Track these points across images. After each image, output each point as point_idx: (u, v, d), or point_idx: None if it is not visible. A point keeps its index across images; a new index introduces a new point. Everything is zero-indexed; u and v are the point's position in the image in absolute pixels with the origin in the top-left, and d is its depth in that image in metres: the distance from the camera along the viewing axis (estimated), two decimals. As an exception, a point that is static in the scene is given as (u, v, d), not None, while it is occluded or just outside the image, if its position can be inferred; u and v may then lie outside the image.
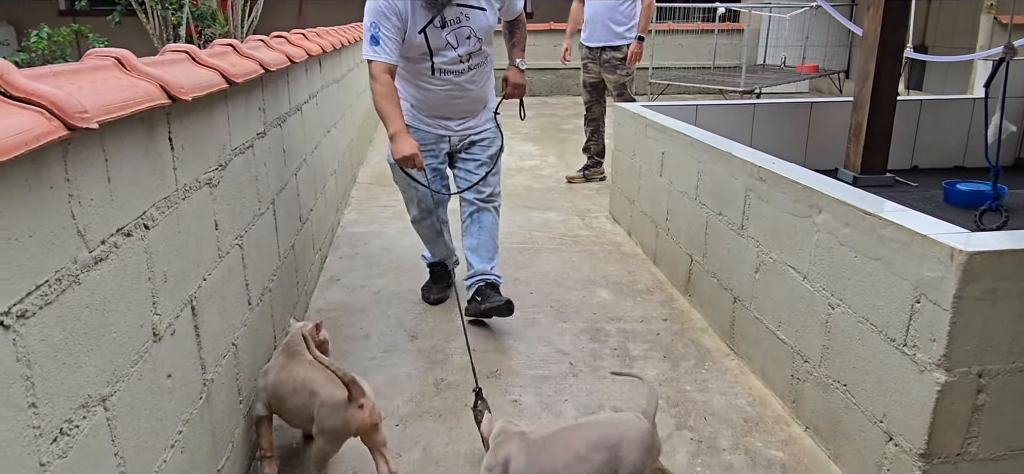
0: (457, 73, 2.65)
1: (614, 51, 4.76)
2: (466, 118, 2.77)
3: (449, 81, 2.66)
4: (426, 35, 2.54)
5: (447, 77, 2.65)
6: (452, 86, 2.67)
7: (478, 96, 2.76)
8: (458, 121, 2.76)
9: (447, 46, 2.59)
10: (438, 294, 3.05)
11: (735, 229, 2.56)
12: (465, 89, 2.70)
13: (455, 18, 2.54)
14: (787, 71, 9.16)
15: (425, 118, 2.74)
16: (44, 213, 0.96)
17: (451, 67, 2.63)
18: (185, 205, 1.50)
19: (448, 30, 2.55)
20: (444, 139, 2.77)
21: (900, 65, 3.69)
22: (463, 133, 2.78)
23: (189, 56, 1.61)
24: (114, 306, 1.16)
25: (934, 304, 1.56)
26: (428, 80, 2.66)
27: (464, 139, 2.79)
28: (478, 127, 2.80)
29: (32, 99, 0.89)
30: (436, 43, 2.56)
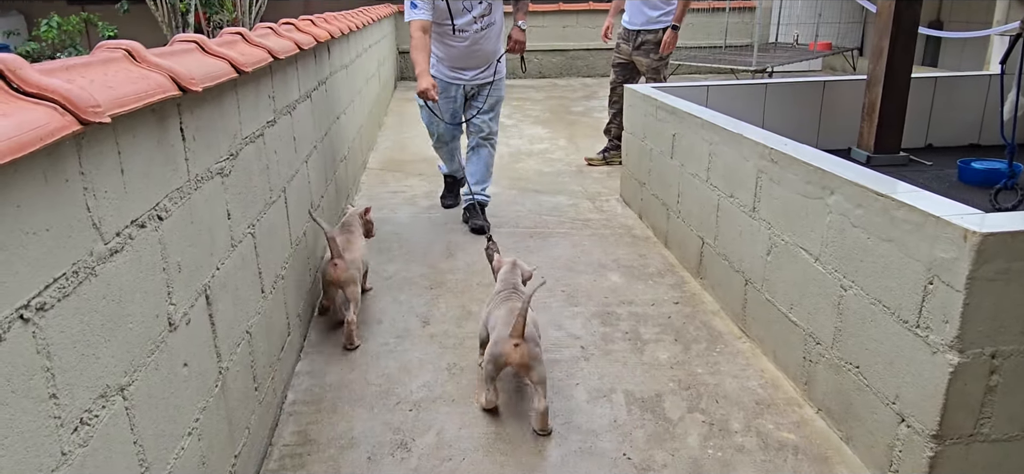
0: (472, 32, 3.47)
1: (649, 35, 4.70)
2: (477, 69, 3.60)
3: (466, 38, 3.48)
4: (448, 2, 3.36)
5: (464, 35, 3.48)
6: (468, 41, 3.50)
7: (489, 51, 3.56)
8: (471, 72, 3.60)
9: (463, 11, 3.42)
10: (450, 200, 4.10)
11: (747, 211, 2.55)
12: (478, 44, 3.51)
13: None
14: (800, 49, 9.05)
15: (447, 71, 3.60)
16: (60, 206, 0.98)
17: (467, 27, 3.45)
18: (197, 195, 1.51)
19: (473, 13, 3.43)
20: (459, 86, 3.65)
21: (915, 42, 3.64)
22: (474, 81, 3.63)
23: (198, 46, 1.62)
24: (130, 297, 1.18)
25: (947, 285, 1.55)
26: (450, 38, 3.49)
27: (475, 85, 3.65)
28: (486, 77, 3.63)
29: (45, 94, 0.90)
30: (455, 8, 3.40)
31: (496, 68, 3.61)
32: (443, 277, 3.13)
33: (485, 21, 3.46)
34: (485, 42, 3.52)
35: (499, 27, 3.58)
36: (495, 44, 3.59)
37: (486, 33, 3.49)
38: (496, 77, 3.63)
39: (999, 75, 3.17)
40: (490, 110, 3.70)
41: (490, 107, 3.69)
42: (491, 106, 3.69)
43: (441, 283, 3.06)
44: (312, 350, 2.52)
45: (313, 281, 2.78)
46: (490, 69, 3.60)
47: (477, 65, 3.57)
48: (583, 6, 9.82)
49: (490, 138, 3.76)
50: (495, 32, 3.55)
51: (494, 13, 3.49)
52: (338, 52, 3.88)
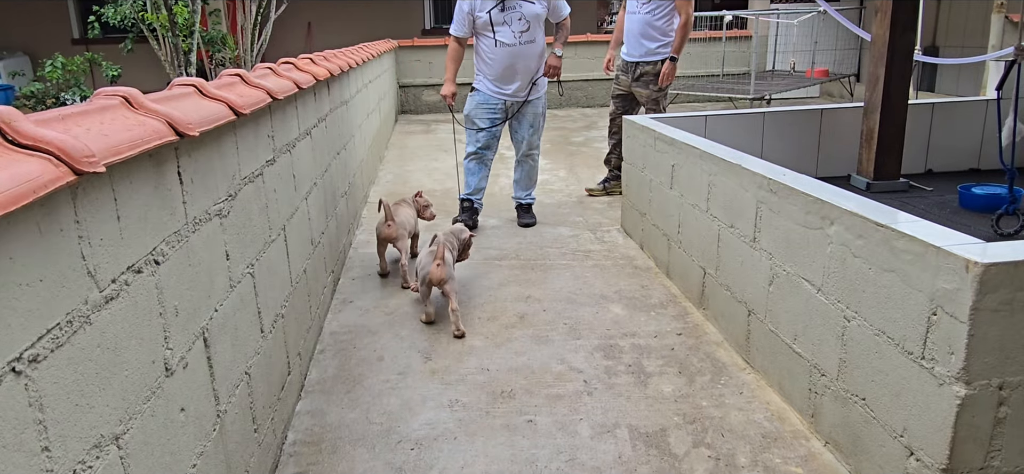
0: (512, 45, 3.95)
1: (648, 67, 4.73)
2: (518, 86, 4.06)
3: (506, 51, 3.97)
4: (490, 15, 3.92)
5: (505, 48, 3.97)
6: (508, 55, 3.97)
7: (529, 69, 4.02)
8: (512, 86, 4.06)
9: (504, 24, 3.94)
10: (463, 218, 4.21)
11: (747, 241, 2.54)
12: (517, 59, 3.97)
13: (512, 5, 3.91)
14: (797, 76, 9.12)
15: (490, 85, 4.08)
16: (54, 256, 0.97)
17: (507, 41, 3.95)
18: (195, 238, 1.51)
19: (507, 12, 3.91)
20: (501, 100, 4.10)
21: (910, 69, 3.66)
22: (515, 97, 4.09)
23: (196, 89, 1.63)
24: (125, 344, 1.17)
25: (951, 316, 1.54)
26: (492, 51, 4.00)
27: (517, 102, 4.11)
28: (528, 95, 4.10)
29: (39, 145, 0.90)
30: (497, 21, 3.94)
31: (535, 87, 4.09)
32: (444, 311, 3.11)
33: (524, 37, 3.94)
34: (525, 59, 3.97)
35: (540, 49, 4.04)
36: (535, 64, 4.04)
37: (526, 50, 3.96)
38: (534, 96, 4.11)
39: (996, 101, 3.19)
40: (532, 126, 4.18)
41: (531, 123, 4.17)
42: (532, 122, 4.17)
43: (443, 318, 3.05)
44: (313, 389, 2.49)
45: (314, 318, 2.77)
46: (529, 87, 4.07)
47: (517, 81, 4.03)
48: (581, 38, 9.92)
49: (532, 153, 4.29)
50: (535, 52, 4.01)
51: (533, 32, 3.97)
52: (338, 89, 3.91)
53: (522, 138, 4.20)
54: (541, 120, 4.22)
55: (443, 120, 9.20)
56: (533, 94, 4.10)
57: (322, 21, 11.72)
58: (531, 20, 3.93)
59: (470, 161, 4.25)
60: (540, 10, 3.94)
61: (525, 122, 4.16)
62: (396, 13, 11.77)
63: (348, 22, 11.60)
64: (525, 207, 4.35)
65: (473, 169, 4.26)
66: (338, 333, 2.93)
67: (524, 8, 3.90)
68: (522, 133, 4.18)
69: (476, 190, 4.28)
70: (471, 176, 4.27)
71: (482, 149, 4.19)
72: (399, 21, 11.58)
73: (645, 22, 4.65)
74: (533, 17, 3.93)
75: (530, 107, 4.13)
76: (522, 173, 4.31)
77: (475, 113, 4.14)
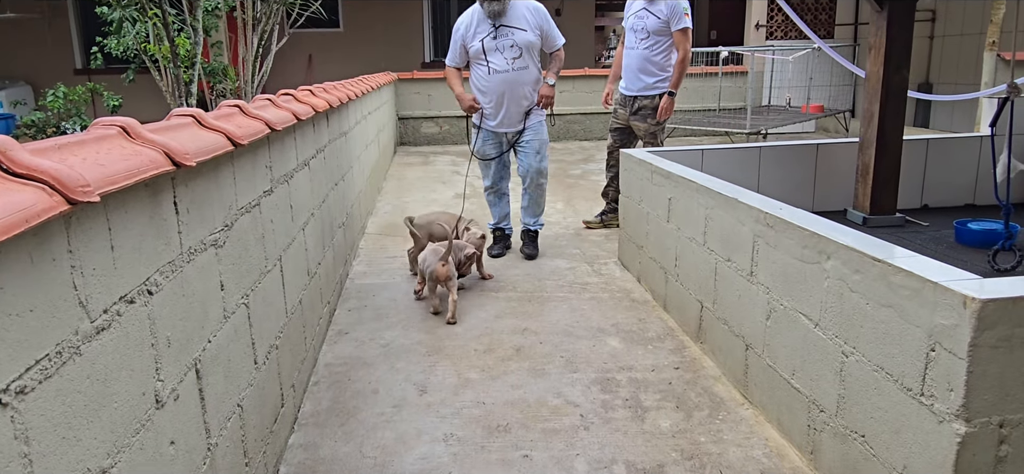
0: (505, 72, 4.03)
1: (646, 100, 4.76)
2: (515, 119, 4.16)
3: (500, 79, 4.05)
4: (483, 43, 4.03)
5: (498, 75, 4.05)
6: (502, 82, 4.05)
7: (523, 95, 4.10)
8: (508, 116, 4.13)
9: (497, 51, 4.02)
10: (498, 251, 4.41)
11: (744, 275, 2.53)
12: (512, 86, 4.05)
13: (505, 32, 4.00)
14: (792, 111, 9.20)
15: (490, 123, 4.20)
16: (45, 286, 0.96)
17: (500, 67, 4.03)
18: (190, 268, 1.50)
19: (499, 39, 4.01)
20: (502, 137, 4.24)
21: (904, 105, 3.70)
22: (515, 131, 4.21)
23: (195, 120, 1.64)
24: (115, 375, 1.15)
25: (949, 352, 1.53)
26: (486, 79, 4.09)
27: (518, 134, 4.21)
28: (525, 124, 4.18)
29: (34, 175, 0.90)
30: (490, 49, 4.03)
31: (531, 115, 4.17)
32: (441, 343, 3.09)
33: (518, 63, 4.01)
34: (520, 86, 4.06)
35: (534, 77, 4.11)
36: (530, 91, 4.12)
37: (520, 76, 4.03)
38: (532, 121, 4.18)
39: (990, 137, 3.21)
40: (537, 152, 4.22)
41: (535, 150, 4.21)
42: (537, 149, 4.22)
43: (439, 350, 3.03)
44: (307, 421, 2.46)
45: (309, 349, 2.75)
46: (526, 119, 4.16)
47: (513, 109, 4.12)
48: (579, 72, 10.03)
49: (540, 181, 4.30)
50: (529, 78, 4.08)
51: (526, 59, 4.04)
52: (337, 120, 3.93)
53: (529, 167, 4.23)
54: (544, 147, 4.27)
55: (441, 152, 9.25)
56: (530, 120, 4.17)
57: (323, 53, 11.85)
58: (524, 48, 4.01)
59: (489, 195, 4.42)
60: (533, 39, 4.02)
61: (530, 150, 4.21)
62: (396, 46, 11.91)
63: (349, 55, 11.72)
64: (531, 235, 4.38)
65: (494, 201, 4.42)
66: (333, 365, 2.91)
67: (517, 35, 3.99)
68: (528, 162, 4.22)
69: (503, 217, 4.44)
70: (494, 208, 4.44)
71: (497, 182, 4.34)
72: (399, 54, 11.71)
73: (643, 57, 4.70)
74: (526, 45, 4.01)
75: (531, 133, 4.19)
76: (529, 200, 4.34)
77: (482, 150, 4.27)
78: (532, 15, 4.05)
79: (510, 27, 3.98)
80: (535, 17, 4.06)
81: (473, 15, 4.09)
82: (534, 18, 4.05)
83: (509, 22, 4.00)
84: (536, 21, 4.05)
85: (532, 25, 4.02)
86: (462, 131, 10.00)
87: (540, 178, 4.28)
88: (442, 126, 10.02)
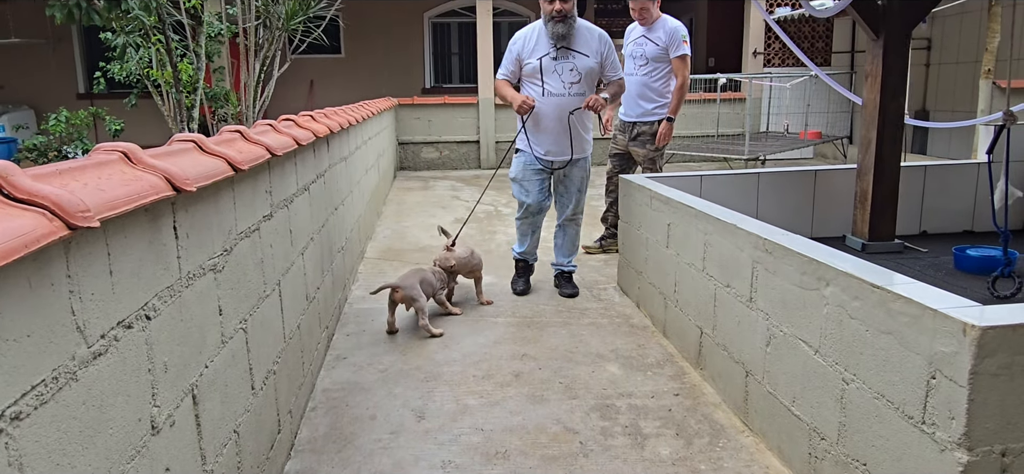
0: (560, 96, 3.76)
1: (644, 126, 4.79)
2: (563, 148, 3.85)
3: (553, 103, 3.76)
4: (541, 62, 3.75)
5: (553, 99, 3.77)
6: (555, 107, 3.76)
7: (575, 125, 3.81)
8: (556, 143, 3.84)
9: (555, 73, 3.75)
10: (522, 287, 4.13)
11: (744, 301, 2.53)
12: (565, 111, 3.76)
13: (565, 56, 3.75)
14: (790, 138, 9.25)
15: (536, 147, 3.86)
16: (43, 311, 0.96)
17: (556, 91, 3.76)
18: (188, 293, 1.50)
19: (559, 61, 3.74)
20: (547, 164, 3.90)
21: (901, 132, 3.72)
22: (561, 160, 3.89)
23: (196, 145, 1.65)
24: (111, 401, 1.15)
25: (950, 380, 1.52)
26: (539, 101, 3.77)
27: (563, 165, 3.90)
28: (573, 157, 3.88)
29: (35, 200, 0.90)
30: (547, 69, 3.76)
31: (581, 148, 3.89)
32: (439, 369, 3.08)
33: (574, 89, 3.74)
34: (572, 115, 3.77)
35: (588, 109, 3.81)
36: (582, 125, 3.85)
37: (575, 103, 3.75)
38: (579, 156, 3.90)
39: (987, 164, 3.23)
40: (580, 189, 3.99)
41: (579, 186, 3.98)
42: (580, 185, 3.98)
43: (437, 376, 3.01)
44: (304, 448, 2.44)
45: (307, 375, 2.74)
46: (575, 150, 3.86)
47: (563, 136, 3.82)
48: (578, 98, 10.09)
49: (576, 217, 4.07)
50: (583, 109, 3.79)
51: (584, 86, 3.77)
52: (337, 145, 3.95)
53: (568, 202, 3.97)
54: (583, 184, 4.00)
55: (441, 177, 9.28)
56: (579, 152, 3.88)
57: (324, 79, 11.95)
58: (583, 73, 3.74)
59: (522, 223, 4.05)
60: (593, 64, 3.75)
61: (573, 184, 3.94)
62: (398, 72, 12.01)
63: (350, 80, 11.82)
64: (567, 276, 4.11)
65: (525, 231, 4.07)
66: (330, 390, 2.89)
67: (578, 60, 3.73)
68: (569, 196, 3.96)
69: (531, 249, 4.14)
70: (524, 237, 4.09)
71: (534, 213, 4.00)
72: (400, 80, 11.80)
73: (643, 83, 4.75)
74: (586, 71, 3.75)
75: (577, 168, 3.92)
76: (565, 238, 4.08)
77: (523, 175, 3.94)
78: (597, 42, 3.79)
79: (573, 50, 3.72)
80: (599, 44, 3.80)
81: (534, 31, 3.83)
82: (598, 45, 3.79)
83: (573, 45, 3.73)
84: (599, 48, 3.78)
85: (595, 51, 3.76)
86: (462, 156, 10.05)
87: (579, 216, 4.06)
88: (442, 151, 10.06)
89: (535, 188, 3.93)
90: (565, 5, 3.63)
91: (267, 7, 7.02)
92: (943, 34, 9.21)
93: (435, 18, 12.42)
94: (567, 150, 3.85)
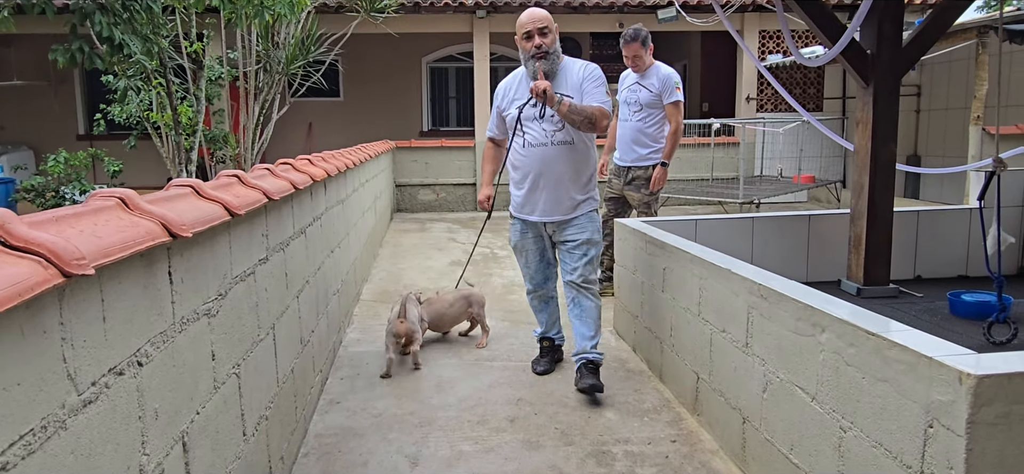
0: (542, 146, 3.18)
1: (639, 171, 4.84)
2: (552, 207, 3.25)
3: (536, 155, 3.20)
4: (521, 111, 3.21)
5: (533, 150, 3.20)
6: (538, 160, 3.19)
7: (564, 177, 3.21)
8: (543, 203, 3.25)
9: (535, 120, 3.18)
10: (544, 367, 3.54)
11: (740, 347, 2.52)
12: (550, 164, 3.18)
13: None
14: (784, 182, 9.34)
15: (520, 204, 3.34)
16: (34, 360, 0.96)
17: (536, 140, 3.19)
18: (181, 338, 1.49)
19: (539, 106, 3.14)
20: (540, 228, 3.35)
21: (893, 177, 3.76)
22: (554, 221, 3.28)
23: (193, 190, 1.66)
24: (100, 450, 1.13)
25: (948, 429, 1.51)
26: (519, 153, 3.26)
27: (559, 227, 3.29)
28: (569, 216, 3.27)
29: (31, 247, 0.90)
30: (527, 117, 3.21)
31: (572, 204, 3.25)
32: (434, 414, 3.04)
33: (558, 137, 3.15)
34: (560, 165, 3.17)
35: (581, 154, 3.22)
36: (573, 177, 3.21)
37: (560, 153, 3.16)
38: (577, 213, 3.25)
39: (979, 209, 3.26)
40: (581, 255, 3.24)
41: (580, 251, 3.24)
42: (582, 250, 3.24)
43: (432, 421, 2.98)
44: (294, 495, 2.40)
45: (300, 420, 2.70)
46: (570, 209, 3.24)
47: (550, 195, 3.23)
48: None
49: (587, 287, 3.26)
50: (573, 157, 3.19)
51: (570, 132, 3.15)
52: (334, 187, 3.97)
53: (571, 267, 3.26)
54: (592, 249, 3.27)
55: (437, 219, 9.30)
56: (576, 211, 3.25)
57: (323, 122, 12.06)
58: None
59: (531, 299, 3.56)
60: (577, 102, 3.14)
61: (573, 250, 3.26)
62: (395, 115, 12.13)
63: (348, 123, 11.93)
64: (588, 366, 3.20)
65: (538, 307, 3.56)
66: (323, 436, 2.85)
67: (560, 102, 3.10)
68: (571, 264, 3.27)
69: (550, 326, 3.56)
70: (539, 314, 3.56)
71: (538, 286, 3.50)
72: (398, 123, 11.92)
73: (637, 129, 4.80)
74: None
75: (575, 229, 3.25)
76: (581, 315, 3.27)
77: (520, 244, 3.42)
78: (578, 74, 3.20)
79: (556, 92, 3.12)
80: (580, 76, 3.20)
81: (516, 78, 3.33)
82: (579, 77, 3.19)
83: (556, 86, 3.15)
84: (579, 80, 3.19)
85: (577, 86, 3.17)
86: (459, 198, 10.10)
87: (587, 286, 3.26)
88: (439, 193, 10.11)
89: (534, 259, 3.42)
90: (544, 40, 3.11)
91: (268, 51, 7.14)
92: (932, 81, 9.38)
93: (433, 63, 12.61)
94: (558, 208, 3.24)
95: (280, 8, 5.68)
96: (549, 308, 3.52)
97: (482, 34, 10.00)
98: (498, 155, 3.47)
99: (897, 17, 3.68)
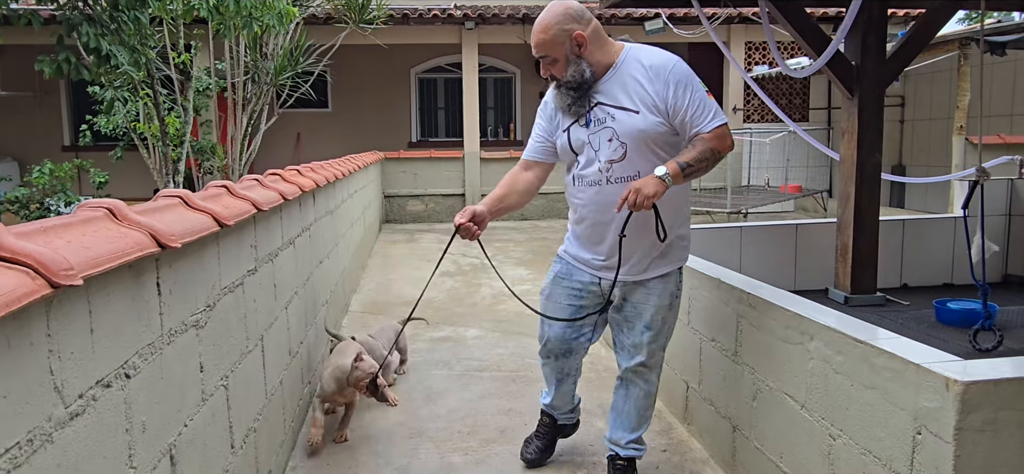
0: (596, 183, 2.22)
1: None
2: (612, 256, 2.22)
3: (591, 195, 2.24)
4: (569, 133, 2.27)
5: (586, 188, 2.25)
6: (594, 201, 2.23)
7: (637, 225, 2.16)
8: (608, 259, 2.26)
9: (586, 147, 2.23)
10: (533, 454, 2.64)
11: (729, 356, 2.53)
12: (607, 210, 2.19)
13: (600, 118, 2.19)
14: (771, 191, 9.41)
15: (574, 248, 2.38)
16: (21, 372, 0.94)
17: (591, 176, 2.22)
18: (169, 350, 1.48)
19: (591, 130, 2.21)
20: (593, 279, 2.34)
21: (879, 187, 3.80)
22: (610, 274, 2.26)
23: (182, 201, 1.65)
24: (87, 463, 1.12)
25: (935, 436, 1.52)
26: (572, 190, 2.33)
27: (623, 282, 2.28)
28: (640, 273, 2.26)
29: (18, 258, 0.89)
30: (577, 144, 2.25)
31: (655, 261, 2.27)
32: (424, 425, 3.03)
33: (614, 171, 2.18)
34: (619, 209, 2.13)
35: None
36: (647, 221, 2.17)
37: (617, 191, 2.14)
38: (654, 273, 2.28)
39: (963, 218, 3.30)
40: (649, 326, 2.31)
41: (647, 323, 2.31)
42: (649, 321, 2.31)
43: (421, 432, 2.96)
44: (282, 509, 2.37)
45: (288, 432, 2.68)
46: (642, 262, 2.27)
47: (609, 252, 2.26)
48: (563, 152, 10.22)
49: (646, 371, 2.39)
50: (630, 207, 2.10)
51: (635, 161, 2.17)
52: (323, 198, 3.96)
53: (633, 343, 2.34)
54: (667, 318, 2.34)
55: (426, 230, 9.29)
56: (651, 271, 2.27)
57: (311, 132, 12.02)
58: (628, 141, 2.16)
59: (543, 363, 2.61)
60: (645, 125, 2.14)
61: (638, 317, 2.32)
62: (384, 126, 12.12)
63: (337, 134, 11.90)
64: (624, 465, 2.46)
65: (548, 376, 2.61)
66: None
67: (618, 121, 2.17)
68: (631, 336, 2.35)
69: (560, 403, 2.64)
70: (548, 382, 2.64)
71: (557, 354, 2.51)
72: (387, 134, 11.91)
73: None
74: (633, 137, 2.15)
75: (645, 292, 2.29)
76: (625, 400, 2.45)
77: (550, 290, 2.46)
78: (652, 79, 2.15)
79: (607, 105, 2.19)
80: (657, 82, 2.15)
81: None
82: (655, 84, 2.14)
83: (606, 97, 2.20)
84: (658, 89, 2.14)
85: (643, 99, 2.15)
86: (448, 209, 10.09)
87: (648, 373, 2.40)
88: (428, 204, 10.10)
89: (564, 314, 2.42)
90: (551, 68, 2.22)
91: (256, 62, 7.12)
92: (916, 92, 9.51)
93: (422, 73, 12.62)
94: (627, 263, 2.25)
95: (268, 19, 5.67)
96: (564, 383, 2.59)
97: (470, 45, 10.03)
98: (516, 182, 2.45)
99: (881, 29, 3.73)
